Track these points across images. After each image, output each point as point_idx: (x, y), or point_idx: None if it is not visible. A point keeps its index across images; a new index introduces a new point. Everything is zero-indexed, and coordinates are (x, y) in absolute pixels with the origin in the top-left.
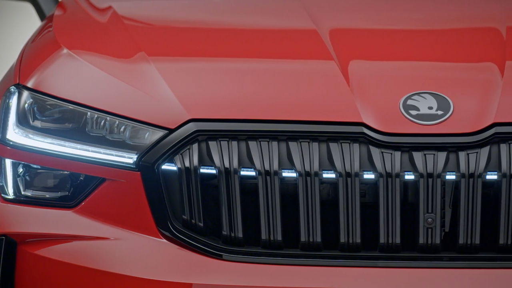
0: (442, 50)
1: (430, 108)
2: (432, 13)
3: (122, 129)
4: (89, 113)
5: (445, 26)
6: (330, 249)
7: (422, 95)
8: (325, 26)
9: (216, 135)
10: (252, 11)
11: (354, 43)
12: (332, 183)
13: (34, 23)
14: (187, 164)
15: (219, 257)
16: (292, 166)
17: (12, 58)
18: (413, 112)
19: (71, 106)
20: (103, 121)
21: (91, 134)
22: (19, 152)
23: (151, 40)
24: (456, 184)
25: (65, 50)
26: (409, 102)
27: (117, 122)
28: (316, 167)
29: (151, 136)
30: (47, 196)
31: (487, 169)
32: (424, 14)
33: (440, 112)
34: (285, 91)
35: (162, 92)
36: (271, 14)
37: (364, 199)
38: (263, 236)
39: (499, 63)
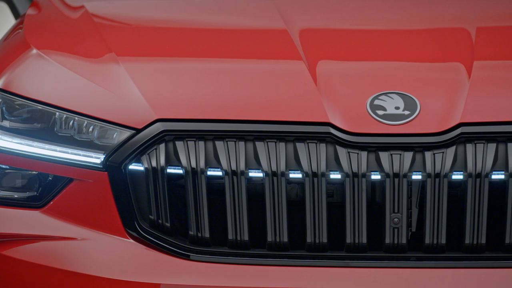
0: (410, 50)
1: (397, 108)
2: (404, 14)
3: (90, 129)
4: (57, 113)
5: (415, 27)
6: (297, 249)
7: (389, 95)
8: (296, 26)
9: (183, 135)
10: (224, 11)
11: (324, 43)
12: (299, 183)
13: (9, 22)
14: (154, 164)
15: (187, 257)
16: (258, 166)
17: None
18: (380, 112)
19: (39, 106)
20: (71, 121)
21: (60, 134)
22: None
23: (122, 40)
24: (422, 184)
25: (34, 50)
26: (376, 102)
27: (85, 122)
28: (282, 167)
29: (119, 136)
30: (15, 196)
31: (453, 169)
32: (395, 14)
33: (407, 112)
34: (252, 91)
35: (130, 93)
36: (243, 14)
37: (331, 199)
38: (230, 236)
39: (466, 63)
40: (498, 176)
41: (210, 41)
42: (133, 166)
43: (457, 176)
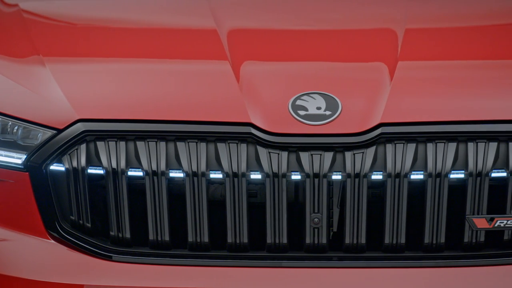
0: (337, 51)
1: (319, 108)
2: (336, 15)
3: (14, 130)
4: None
5: (344, 27)
6: (219, 249)
7: (312, 95)
8: (226, 26)
9: (104, 135)
10: (157, 11)
11: (251, 44)
12: (221, 183)
13: None
14: (74, 164)
15: (109, 258)
16: (179, 167)
17: None
18: (302, 113)
19: None
20: None
21: None
22: None
23: (50, 40)
24: (343, 184)
25: None
26: (298, 102)
27: (10, 123)
28: (203, 167)
29: (42, 136)
30: None
31: (372, 169)
32: (328, 15)
33: (328, 113)
34: (175, 91)
35: (53, 93)
36: (175, 14)
37: (254, 199)
38: (151, 236)
39: (390, 64)
40: (417, 176)
41: (139, 41)
42: (54, 167)
43: (377, 176)
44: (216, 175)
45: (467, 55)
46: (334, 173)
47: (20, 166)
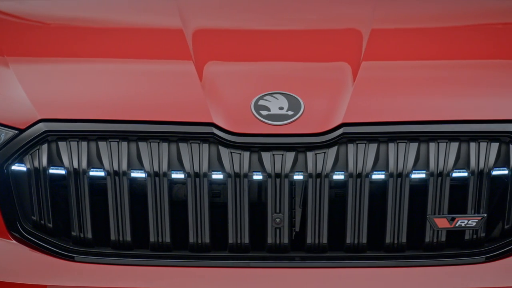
0: (302, 51)
1: (281, 108)
2: (302, 15)
3: None
4: None
5: (311, 27)
6: (181, 250)
7: (274, 95)
8: (192, 26)
9: (66, 136)
10: (125, 10)
11: (216, 44)
12: (183, 183)
13: None
14: (36, 164)
15: (71, 259)
16: (141, 167)
17: None
18: (264, 113)
19: None
20: None
21: None
22: None
23: (14, 41)
24: (305, 184)
25: None
26: (261, 102)
27: None
28: (165, 167)
29: (5, 136)
30: None
31: (334, 169)
32: (294, 15)
33: (290, 113)
34: (137, 91)
35: (16, 93)
36: (143, 13)
37: (216, 200)
38: (113, 237)
39: (353, 64)
40: (378, 176)
41: (105, 41)
42: (15, 167)
43: (338, 176)
44: (177, 175)
45: (431, 56)
46: (295, 173)
47: None
